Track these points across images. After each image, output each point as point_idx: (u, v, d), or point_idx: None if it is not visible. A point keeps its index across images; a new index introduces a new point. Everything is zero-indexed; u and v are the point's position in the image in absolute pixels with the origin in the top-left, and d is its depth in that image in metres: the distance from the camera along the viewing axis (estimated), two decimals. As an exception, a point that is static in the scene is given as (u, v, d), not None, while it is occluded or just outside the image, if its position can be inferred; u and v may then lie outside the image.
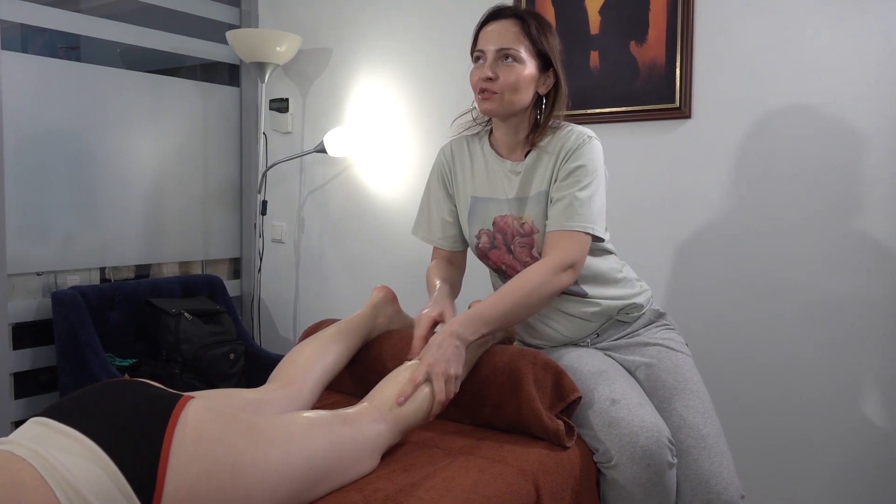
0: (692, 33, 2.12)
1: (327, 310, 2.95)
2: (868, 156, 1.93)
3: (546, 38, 1.50)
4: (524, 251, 1.59)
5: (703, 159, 2.15)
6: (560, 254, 1.46)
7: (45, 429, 0.94)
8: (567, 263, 1.45)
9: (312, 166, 3.02)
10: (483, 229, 1.63)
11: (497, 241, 1.61)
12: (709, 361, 2.06)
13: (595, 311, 1.59)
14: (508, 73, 1.48)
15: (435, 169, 1.72)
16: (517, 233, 1.58)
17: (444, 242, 1.70)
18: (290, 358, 1.48)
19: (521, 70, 1.48)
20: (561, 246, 1.47)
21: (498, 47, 1.48)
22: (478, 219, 1.63)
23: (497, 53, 1.48)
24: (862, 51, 1.92)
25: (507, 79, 1.48)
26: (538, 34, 1.49)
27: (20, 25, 2.46)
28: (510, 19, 1.50)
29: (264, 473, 1.01)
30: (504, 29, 1.49)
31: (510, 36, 1.48)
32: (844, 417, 1.99)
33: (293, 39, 2.81)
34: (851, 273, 1.96)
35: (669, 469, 1.35)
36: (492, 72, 1.48)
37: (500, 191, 1.59)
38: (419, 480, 1.18)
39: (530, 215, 1.56)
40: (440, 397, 1.32)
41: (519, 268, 1.60)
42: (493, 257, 1.64)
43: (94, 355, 2.31)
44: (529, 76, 1.49)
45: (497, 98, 1.49)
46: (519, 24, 1.49)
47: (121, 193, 2.71)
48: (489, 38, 1.50)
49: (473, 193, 1.63)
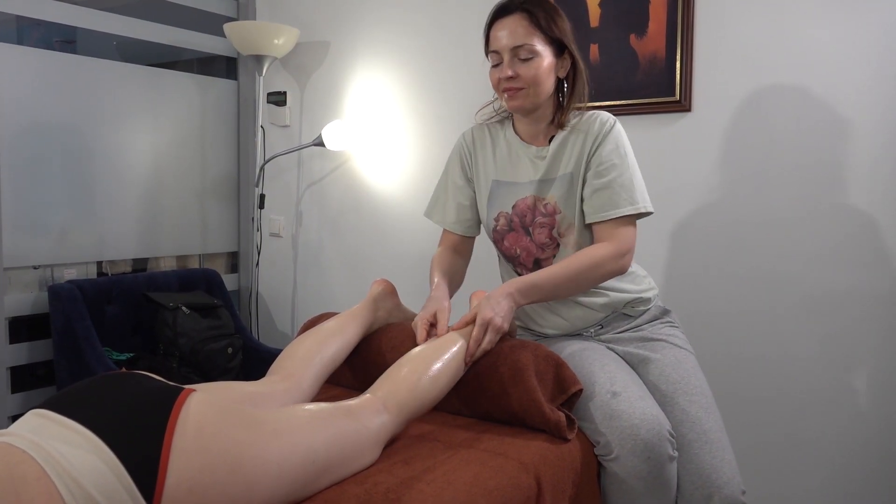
0: (693, 26, 2.12)
1: (325, 304, 2.94)
2: (866, 150, 1.93)
3: (556, 24, 1.51)
4: (544, 231, 1.60)
5: (703, 152, 2.15)
6: (618, 241, 1.51)
7: (45, 420, 0.93)
8: (625, 250, 1.52)
9: (310, 160, 3.01)
10: (502, 212, 1.65)
11: (514, 223, 1.64)
12: (705, 355, 2.06)
13: (603, 302, 1.60)
14: (528, 69, 1.50)
15: (455, 153, 1.74)
16: (539, 213, 1.60)
17: (457, 226, 1.73)
18: (290, 351, 1.48)
19: (539, 63, 1.50)
20: (617, 234, 1.52)
21: (512, 45, 1.50)
22: (497, 202, 1.65)
23: (512, 52, 1.51)
24: (861, 45, 1.92)
25: (527, 75, 1.50)
26: (547, 22, 1.50)
27: (16, 17, 2.44)
28: (517, 14, 1.51)
29: (266, 466, 1.00)
30: (514, 25, 1.50)
31: (521, 32, 1.49)
32: (842, 411, 1.99)
33: (291, 32, 2.79)
34: (849, 267, 1.96)
35: (670, 462, 1.35)
36: (511, 71, 1.51)
37: (522, 174, 1.62)
38: (420, 473, 1.18)
39: (554, 196, 1.58)
40: (482, 344, 1.41)
41: (535, 251, 1.62)
42: (508, 240, 1.66)
43: (92, 349, 2.30)
44: (548, 66, 1.52)
45: (522, 94, 1.53)
46: (527, 17, 1.50)
47: (118, 187, 2.70)
48: (501, 37, 1.52)
49: (495, 177, 1.66)
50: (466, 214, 1.73)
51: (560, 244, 1.61)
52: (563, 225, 1.59)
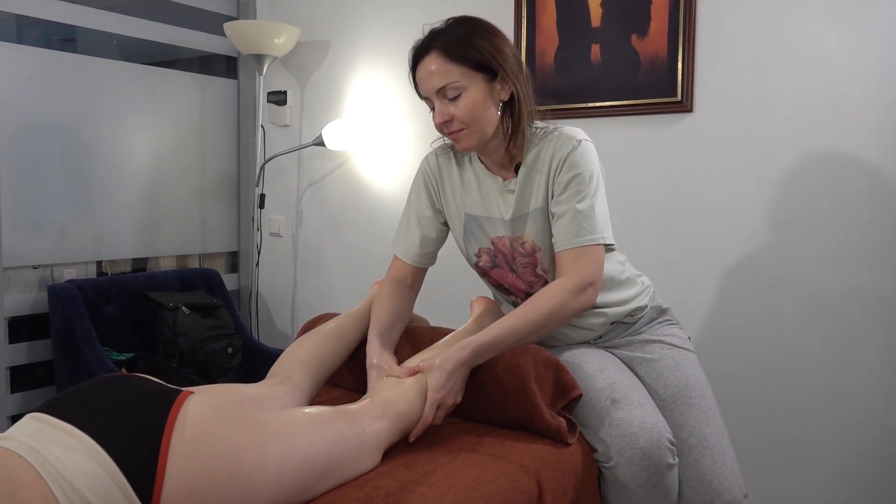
0: (694, 26, 2.11)
1: (326, 304, 2.93)
2: (869, 150, 1.92)
3: (474, 47, 1.38)
4: (528, 271, 1.54)
5: (705, 153, 2.14)
6: (577, 274, 1.39)
7: (42, 424, 0.92)
8: (586, 282, 1.39)
9: (311, 159, 3.00)
10: (483, 248, 1.57)
11: (499, 259, 1.56)
12: (708, 357, 2.06)
13: (601, 322, 1.56)
14: (459, 108, 1.39)
15: (419, 180, 1.62)
16: (518, 253, 1.53)
17: (420, 260, 1.61)
18: (290, 352, 1.47)
19: (468, 97, 1.39)
20: (577, 266, 1.40)
21: (435, 90, 1.40)
22: (475, 238, 1.57)
23: (439, 95, 1.41)
24: (863, 45, 1.91)
25: (461, 114, 1.40)
26: (464, 49, 1.38)
27: (15, 16, 2.43)
28: (429, 55, 1.41)
29: (265, 470, 1.00)
30: (429, 67, 1.40)
31: (438, 73, 1.39)
32: (844, 413, 1.98)
33: (291, 31, 2.78)
34: (852, 268, 1.96)
35: (669, 470, 1.34)
36: (445, 115, 1.41)
37: (494, 210, 1.52)
38: (421, 477, 1.17)
39: (530, 234, 1.49)
40: (431, 422, 1.32)
41: (522, 286, 1.56)
42: (494, 276, 1.60)
43: (91, 349, 2.29)
44: (481, 96, 1.39)
45: (465, 134, 1.42)
46: (439, 55, 1.39)
47: (117, 186, 2.69)
48: (423, 84, 1.43)
49: (467, 211, 1.56)
50: (430, 248, 1.62)
51: (547, 280, 1.52)
52: (545, 262, 1.51)
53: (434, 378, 1.32)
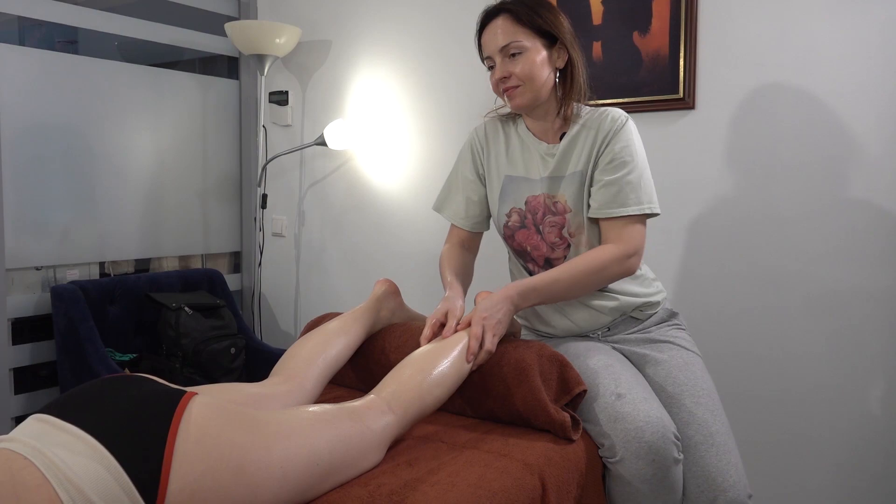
0: (696, 23, 2.11)
1: (328, 304, 2.94)
2: (872, 146, 1.91)
3: (540, 16, 1.51)
4: (554, 231, 1.59)
5: (707, 150, 2.14)
6: (625, 242, 1.50)
7: (46, 426, 0.92)
8: (632, 251, 1.50)
9: (313, 159, 3.00)
10: (514, 208, 1.64)
11: (527, 220, 1.62)
12: (710, 354, 2.06)
13: (613, 306, 1.59)
14: (520, 66, 1.51)
15: (467, 148, 1.73)
16: (549, 211, 1.59)
17: (466, 222, 1.72)
18: (293, 352, 1.47)
19: (528, 57, 1.51)
20: (625, 234, 1.51)
21: (500, 46, 1.52)
22: (510, 198, 1.64)
23: (502, 54, 1.52)
24: (865, 42, 1.90)
25: (520, 71, 1.51)
26: (530, 15, 1.51)
27: (17, 18, 2.43)
28: (499, 17, 1.53)
29: (269, 470, 1.00)
30: (496, 28, 1.53)
31: (504, 32, 1.51)
32: (849, 410, 1.98)
33: (292, 31, 2.78)
34: (855, 264, 1.95)
35: (675, 465, 1.34)
36: (504, 71, 1.52)
37: (534, 171, 1.61)
38: (424, 475, 1.17)
39: (564, 195, 1.57)
40: (481, 344, 1.38)
41: (544, 249, 1.61)
42: (519, 237, 1.64)
43: (94, 350, 2.30)
44: (541, 59, 1.52)
45: (520, 91, 1.53)
46: (510, 16, 1.52)
47: (119, 187, 2.69)
48: (488, 42, 1.55)
49: (507, 172, 1.65)
50: (475, 210, 1.72)
51: (571, 244, 1.59)
52: (573, 224, 1.58)
53: (481, 306, 1.43)
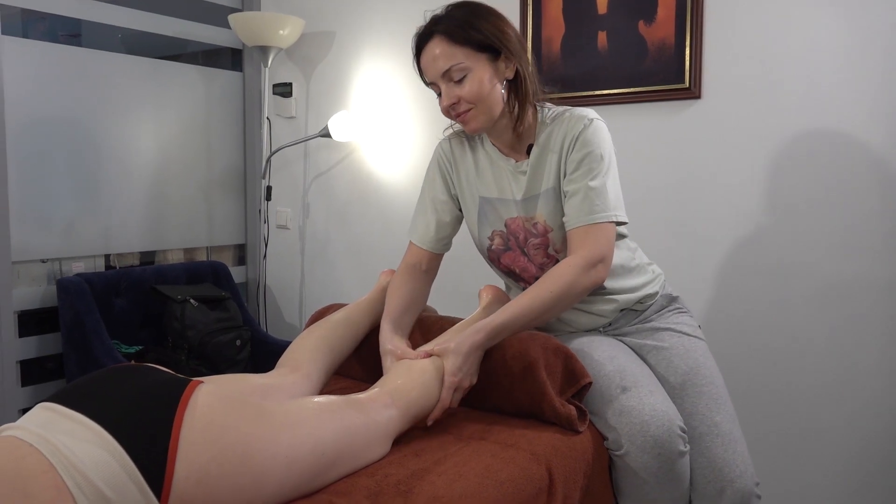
0: (702, 12, 2.09)
1: (333, 295, 2.94)
2: (877, 137, 1.90)
3: (476, 29, 1.40)
4: (540, 252, 1.54)
5: (713, 140, 2.12)
6: (588, 250, 1.40)
7: (52, 414, 0.92)
8: (597, 259, 1.40)
9: (317, 151, 2.99)
10: (496, 231, 1.57)
11: (511, 243, 1.56)
12: (716, 345, 2.05)
13: (612, 308, 1.56)
14: (465, 88, 1.41)
15: (433, 166, 1.64)
16: (530, 234, 1.53)
17: (435, 245, 1.62)
18: (298, 343, 1.47)
19: (474, 77, 1.41)
20: (588, 242, 1.41)
21: (440, 73, 1.42)
22: (489, 220, 1.57)
23: (444, 79, 1.43)
24: (872, 31, 1.89)
25: (468, 94, 1.41)
26: (465, 31, 1.40)
27: (21, 10, 2.43)
28: (432, 39, 1.43)
29: (275, 459, 1.00)
30: (433, 52, 1.42)
31: (443, 55, 1.41)
32: (854, 401, 1.97)
33: (296, 22, 2.77)
34: (861, 255, 1.94)
35: (681, 458, 1.33)
36: (452, 97, 1.43)
37: (507, 191, 1.54)
38: (431, 465, 1.17)
39: (542, 214, 1.50)
40: (449, 405, 1.34)
41: (534, 270, 1.56)
42: (506, 260, 1.59)
43: (100, 342, 2.30)
44: (486, 76, 1.41)
45: (473, 115, 1.44)
46: (443, 39, 1.41)
47: (124, 180, 2.69)
48: (427, 68, 1.45)
49: (482, 194, 1.57)
50: (445, 232, 1.62)
51: (559, 261, 1.50)
52: (557, 242, 1.51)
53: (450, 362, 1.34)
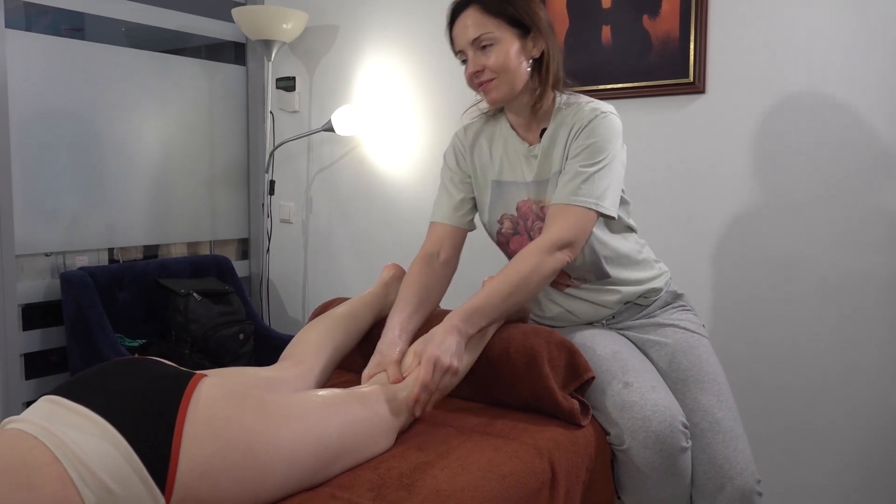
0: (706, 6, 2.08)
1: (336, 289, 2.94)
2: (882, 132, 1.89)
3: (511, 4, 1.44)
4: None
5: (718, 135, 2.12)
6: (556, 231, 1.39)
7: (56, 407, 0.93)
8: (563, 242, 1.38)
9: (320, 145, 2.99)
10: (506, 214, 1.58)
11: (520, 226, 1.57)
12: (718, 341, 2.05)
13: (616, 299, 1.56)
14: (491, 58, 1.44)
15: (450, 154, 1.66)
16: (538, 217, 1.53)
17: (460, 219, 1.61)
18: (301, 337, 1.47)
19: (501, 48, 1.43)
20: (559, 223, 1.40)
21: (470, 40, 1.45)
22: (500, 204, 1.58)
23: (473, 47, 1.45)
24: (877, 25, 1.88)
25: (493, 63, 1.44)
26: (500, 5, 1.43)
27: (24, 4, 2.43)
28: (468, 8, 1.46)
29: (278, 452, 1.00)
30: (466, 20, 1.46)
31: (474, 24, 1.44)
32: (857, 396, 1.97)
33: (299, 16, 2.77)
34: (865, 250, 1.94)
35: (683, 453, 1.33)
36: (477, 64, 1.45)
37: (519, 174, 1.55)
38: (434, 459, 1.17)
39: (551, 198, 1.49)
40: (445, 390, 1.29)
41: None
42: (514, 245, 1.59)
43: (104, 336, 2.31)
44: (515, 50, 1.44)
45: (495, 84, 1.46)
46: (478, 8, 1.44)
47: (127, 174, 2.69)
48: (458, 36, 1.48)
49: (494, 177, 1.58)
50: (465, 208, 1.62)
51: None
52: None
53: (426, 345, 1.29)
